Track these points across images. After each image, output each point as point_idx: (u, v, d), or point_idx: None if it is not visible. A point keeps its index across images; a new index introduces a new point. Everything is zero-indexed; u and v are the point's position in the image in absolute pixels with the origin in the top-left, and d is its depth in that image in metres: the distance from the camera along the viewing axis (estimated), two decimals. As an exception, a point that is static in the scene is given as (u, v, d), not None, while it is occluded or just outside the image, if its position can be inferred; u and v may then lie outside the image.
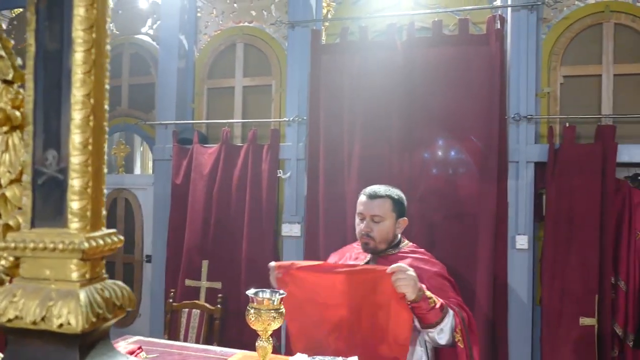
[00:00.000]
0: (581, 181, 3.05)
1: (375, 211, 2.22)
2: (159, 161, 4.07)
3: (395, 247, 2.31)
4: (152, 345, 2.07)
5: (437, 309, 1.90)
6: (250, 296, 1.50)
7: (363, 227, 2.23)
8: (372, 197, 2.25)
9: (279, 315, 1.47)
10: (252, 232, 3.58)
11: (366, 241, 2.24)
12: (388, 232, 2.24)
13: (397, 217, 2.28)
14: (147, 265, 4.27)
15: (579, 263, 3.04)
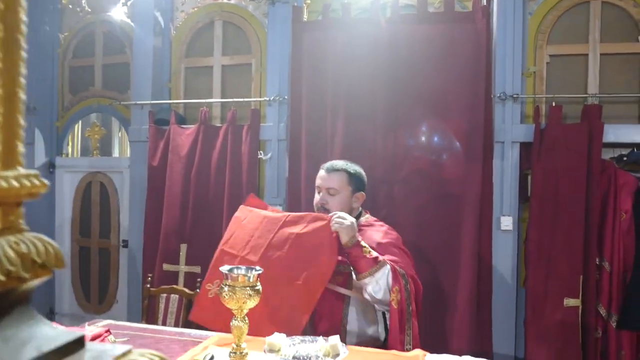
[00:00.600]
0: (567, 161, 3.02)
1: (331, 184, 2.28)
2: (134, 143, 3.93)
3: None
4: (123, 329, 1.97)
5: (371, 258, 1.98)
6: (224, 273, 1.40)
7: (319, 199, 2.30)
8: (329, 171, 2.31)
9: (255, 293, 1.38)
10: (232, 215, 3.43)
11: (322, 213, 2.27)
12: (343, 205, 2.27)
13: (354, 191, 2.32)
14: (123, 250, 4.15)
15: (564, 244, 3.02)
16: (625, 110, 3.12)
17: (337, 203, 2.27)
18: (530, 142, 3.12)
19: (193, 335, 1.93)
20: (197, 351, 1.70)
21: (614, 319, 2.99)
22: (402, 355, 1.70)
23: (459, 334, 3.07)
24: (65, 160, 4.38)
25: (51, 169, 4.35)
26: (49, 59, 4.32)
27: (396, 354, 1.71)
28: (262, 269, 1.43)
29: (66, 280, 4.38)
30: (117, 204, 4.20)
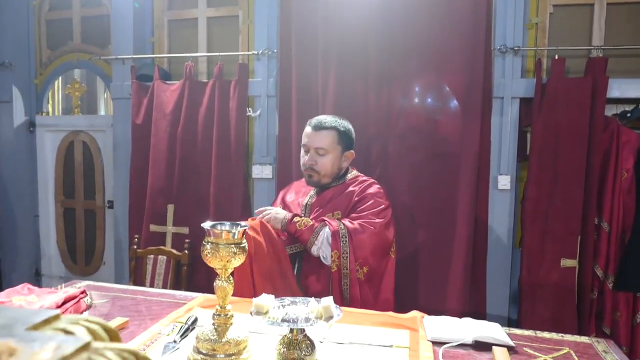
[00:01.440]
0: (569, 118, 2.89)
1: (320, 143, 2.15)
2: (117, 100, 3.75)
3: (341, 178, 2.26)
4: (103, 290, 1.86)
5: (306, 229, 2.00)
6: (207, 229, 1.28)
7: (307, 160, 2.18)
8: (317, 128, 2.16)
9: (241, 250, 1.26)
10: (220, 174, 3.34)
11: (310, 174, 2.20)
12: (333, 166, 2.18)
13: (343, 150, 2.21)
14: (109, 212, 4.02)
15: (563, 203, 2.92)
16: (631, 64, 2.98)
17: (327, 163, 2.16)
18: (530, 98, 2.98)
19: (177, 296, 1.83)
20: (180, 313, 1.60)
21: (611, 280, 2.93)
22: (398, 316, 1.61)
23: (453, 295, 3.01)
24: (45, 119, 4.20)
25: (31, 128, 4.17)
26: (24, 12, 4.08)
27: (392, 315, 1.63)
28: (247, 225, 1.31)
29: (52, 241, 4.27)
30: (101, 164, 4.05)
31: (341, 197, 2.18)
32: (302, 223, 2.02)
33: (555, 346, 1.41)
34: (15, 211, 4.18)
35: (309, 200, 2.25)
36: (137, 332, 1.42)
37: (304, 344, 1.19)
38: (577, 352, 1.37)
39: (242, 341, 1.25)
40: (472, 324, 1.50)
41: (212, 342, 1.21)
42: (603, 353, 1.39)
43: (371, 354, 1.30)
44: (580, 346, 1.43)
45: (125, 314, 1.56)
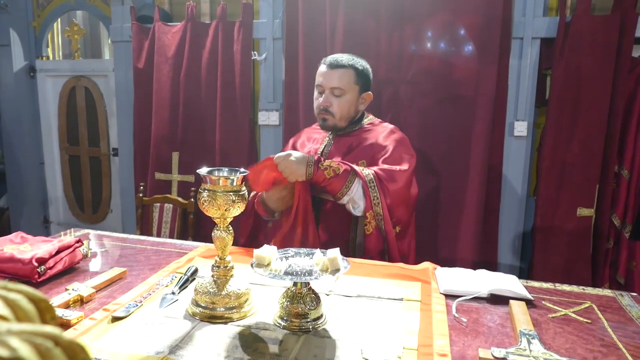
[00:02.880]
0: (593, 59, 2.72)
1: (336, 83, 1.97)
2: (117, 43, 3.60)
3: (357, 123, 2.09)
4: (103, 238, 1.80)
5: (338, 177, 1.77)
6: (203, 175, 1.19)
7: (322, 101, 2.00)
8: (333, 67, 1.98)
9: (240, 198, 1.17)
10: (225, 121, 3.23)
11: (324, 117, 2.02)
12: (350, 108, 2.01)
13: (361, 91, 2.04)
14: (114, 159, 3.96)
15: (582, 150, 2.80)
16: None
17: (344, 105, 1.99)
18: (552, 38, 2.80)
19: (178, 245, 1.77)
20: (180, 263, 1.54)
21: (628, 229, 2.85)
22: (409, 268, 1.54)
23: (464, 244, 2.95)
24: (45, 64, 4.07)
25: (32, 73, 4.05)
26: (18, -51, 3.89)
27: (403, 266, 1.55)
28: (247, 171, 1.22)
29: (58, 189, 4.23)
30: (104, 110, 3.95)
31: (363, 144, 2.02)
32: (330, 170, 1.78)
33: (577, 299, 1.34)
34: (20, 159, 4.13)
35: (325, 148, 2.07)
36: (134, 283, 1.36)
37: (308, 297, 1.12)
38: (600, 306, 1.30)
39: (243, 294, 1.18)
40: (487, 276, 1.42)
41: (211, 294, 1.14)
42: (628, 307, 1.31)
43: (380, 308, 1.23)
44: (603, 299, 1.35)
45: (124, 264, 1.51)
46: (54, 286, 1.35)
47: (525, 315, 1.16)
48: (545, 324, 1.18)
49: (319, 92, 2.03)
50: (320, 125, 2.07)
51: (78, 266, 1.48)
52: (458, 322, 1.18)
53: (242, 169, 1.21)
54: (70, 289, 1.25)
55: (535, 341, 1.04)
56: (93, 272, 1.44)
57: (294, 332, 1.11)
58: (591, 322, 1.21)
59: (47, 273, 1.38)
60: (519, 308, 1.19)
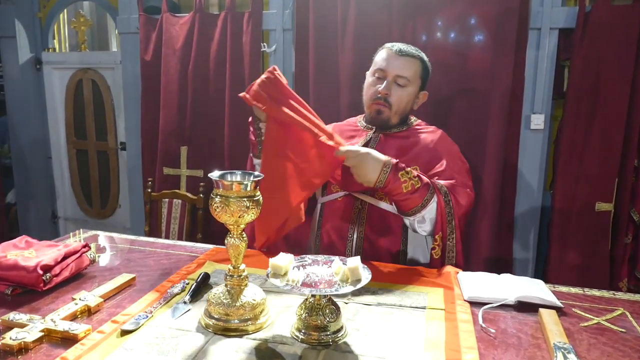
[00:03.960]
0: (612, 50, 2.63)
1: (402, 70, 1.78)
2: (124, 35, 3.53)
3: (406, 123, 1.91)
4: (111, 240, 1.75)
5: (418, 191, 1.54)
6: (215, 180, 1.12)
7: (383, 88, 1.77)
8: (402, 54, 1.79)
9: (255, 204, 1.11)
10: (234, 114, 3.17)
11: (379, 108, 1.80)
12: (408, 102, 1.84)
13: (421, 88, 1.90)
14: (122, 153, 3.91)
15: (601, 143, 2.71)
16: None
17: (403, 97, 1.80)
18: (571, 29, 2.70)
19: (188, 248, 1.71)
20: (191, 268, 1.48)
21: (647, 223, 2.77)
22: (431, 272, 1.47)
23: (479, 239, 2.89)
24: (52, 56, 4.01)
25: (38, 66, 4.00)
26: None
27: (424, 270, 1.48)
28: (262, 175, 1.15)
29: (66, 183, 4.20)
30: (111, 103, 3.90)
31: (415, 147, 1.80)
32: (409, 183, 1.52)
33: (608, 306, 1.27)
34: (26, 153, 4.09)
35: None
36: (144, 290, 1.31)
37: (327, 308, 1.07)
38: (634, 313, 1.24)
39: (259, 304, 1.12)
40: (512, 281, 1.35)
41: (225, 306, 1.09)
42: (662, 315, 1.24)
43: (402, 318, 1.17)
44: (636, 305, 1.29)
45: (133, 269, 1.45)
46: (60, 294, 1.31)
47: (558, 325, 1.10)
48: (578, 334, 1.12)
49: (377, 78, 1.82)
50: (372, 117, 1.85)
51: (85, 272, 1.43)
52: (486, 332, 1.12)
53: (257, 173, 1.15)
54: (77, 299, 1.20)
55: (572, 356, 0.98)
56: (101, 278, 1.39)
57: (314, 347, 1.05)
58: (626, 332, 1.14)
59: (52, 281, 1.33)
60: (550, 317, 1.13)
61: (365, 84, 1.86)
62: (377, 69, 1.82)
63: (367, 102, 1.84)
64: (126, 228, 3.90)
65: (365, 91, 1.86)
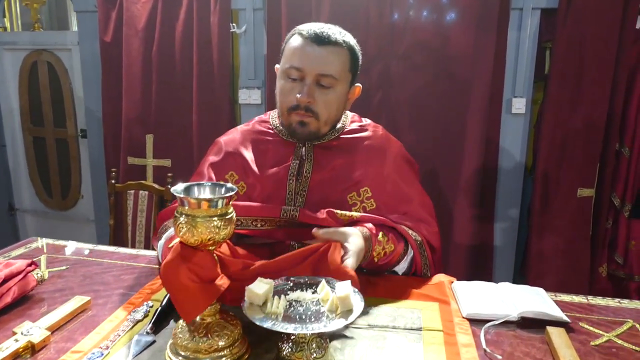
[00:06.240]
0: (596, 31, 2.55)
1: (326, 68, 1.33)
2: (81, 14, 3.28)
3: (334, 126, 1.48)
4: (63, 251, 1.55)
5: (393, 256, 1.34)
6: (179, 197, 0.95)
7: (303, 95, 1.32)
8: (321, 42, 1.32)
9: (226, 223, 0.94)
10: (203, 100, 2.98)
11: (303, 120, 1.36)
12: (339, 106, 1.41)
13: (352, 82, 1.44)
14: (83, 141, 3.67)
15: (583, 127, 2.65)
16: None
17: (332, 102, 1.37)
18: (553, 9, 2.61)
19: (154, 259, 1.51)
20: (156, 285, 1.28)
21: (627, 208, 2.75)
22: (423, 282, 1.33)
23: (460, 225, 2.83)
24: (2, 35, 3.72)
25: (-14, 47, 3.71)
26: None
27: (415, 280, 1.35)
28: (236, 188, 0.98)
29: (23, 173, 3.94)
30: (69, 87, 3.64)
31: (356, 160, 1.44)
32: (382, 252, 1.30)
33: (616, 317, 1.18)
34: (-22, 142, 3.82)
35: (304, 173, 1.42)
36: (100, 317, 1.13)
37: (314, 342, 0.92)
38: (644, 325, 1.14)
39: (233, 335, 0.95)
40: (512, 292, 1.24)
41: (194, 341, 0.93)
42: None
43: (398, 343, 1.03)
44: (646, 316, 1.19)
45: (88, 288, 1.27)
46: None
47: (570, 348, 0.99)
48: (591, 355, 1.02)
49: (292, 80, 1.36)
50: (292, 129, 1.40)
51: (32, 294, 1.23)
52: (491, 358, 1.00)
53: (230, 185, 0.98)
54: (19, 333, 1.01)
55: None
56: (50, 302, 1.19)
57: (299, 387, 0.91)
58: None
59: (-11, 310, 1.10)
60: (560, 339, 1.02)
61: (278, 86, 1.41)
62: (291, 67, 1.34)
63: (283, 110, 1.39)
64: (90, 220, 3.69)
65: (280, 96, 1.40)
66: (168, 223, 1.36)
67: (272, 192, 1.41)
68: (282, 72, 1.38)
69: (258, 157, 1.46)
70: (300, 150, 1.44)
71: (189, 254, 0.93)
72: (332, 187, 1.41)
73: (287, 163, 1.43)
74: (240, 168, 1.45)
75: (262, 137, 1.49)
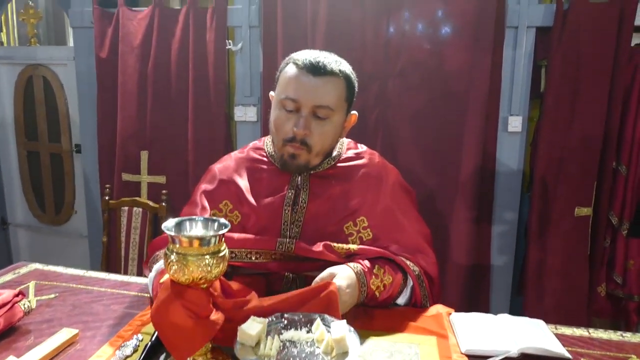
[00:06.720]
0: (591, 49, 2.56)
1: (323, 99, 1.30)
2: (77, 29, 3.28)
3: (330, 154, 1.45)
4: (52, 277, 1.51)
5: (392, 289, 1.31)
6: (170, 235, 0.93)
7: (300, 128, 1.30)
8: (318, 73, 1.30)
9: (220, 260, 0.91)
10: (198, 117, 2.97)
11: (296, 152, 1.33)
12: (334, 137, 1.39)
13: (348, 110, 1.41)
14: (77, 156, 3.65)
15: (580, 145, 2.64)
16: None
17: (327, 133, 1.34)
18: (548, 27, 2.62)
19: (145, 286, 1.48)
20: (147, 316, 1.26)
21: (625, 227, 2.72)
22: (419, 313, 1.30)
23: (457, 245, 2.80)
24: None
25: (-18, 62, 3.69)
26: None
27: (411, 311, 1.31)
28: (229, 225, 0.95)
29: (16, 187, 3.91)
30: (64, 102, 3.62)
31: (353, 189, 1.41)
32: (381, 286, 1.28)
33: (618, 353, 1.15)
34: (-29, 156, 3.79)
35: (300, 203, 1.39)
36: (88, 352, 1.09)
37: (308, 383, 0.90)
38: (647, 360, 1.11)
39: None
40: (511, 324, 1.21)
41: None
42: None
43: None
44: (649, 351, 1.16)
45: (76, 319, 1.23)
46: (-20, 362, 1.05)
47: (574, 391, 0.96)
48: (595, 397, 0.99)
49: (287, 111, 1.32)
50: (283, 161, 1.37)
51: (18, 325, 1.20)
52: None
53: (223, 220, 0.95)
54: None
55: None
56: (37, 334, 1.15)
57: None
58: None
59: (-29, 344, 1.05)
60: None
61: (273, 115, 1.37)
62: (286, 97, 1.31)
63: (277, 141, 1.36)
64: (83, 236, 3.66)
65: (275, 127, 1.35)
66: (160, 253, 1.33)
67: (267, 223, 1.38)
68: (278, 102, 1.35)
69: (253, 185, 1.43)
70: (296, 180, 1.41)
71: (181, 290, 0.91)
72: (328, 218, 1.38)
73: (283, 193, 1.40)
74: (234, 197, 1.42)
75: (257, 165, 1.47)
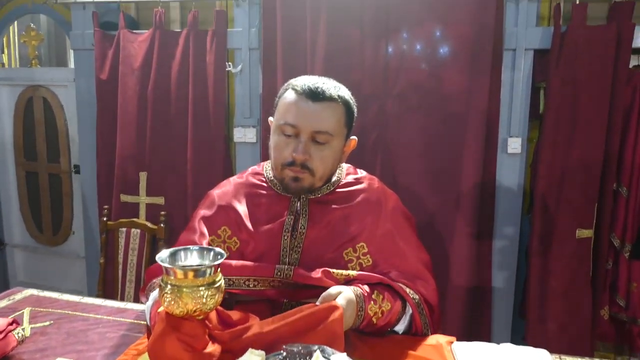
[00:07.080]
0: (589, 71, 2.56)
1: (322, 124, 1.31)
2: (78, 51, 3.30)
3: (329, 179, 1.45)
4: (47, 304, 1.49)
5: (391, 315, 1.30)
6: (164, 266, 0.92)
7: (300, 153, 1.30)
8: (317, 98, 1.31)
9: (215, 291, 0.90)
10: (197, 138, 2.98)
11: (298, 175, 1.33)
12: (335, 161, 1.39)
13: (347, 135, 1.42)
14: (76, 177, 3.65)
15: (580, 167, 2.64)
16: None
17: (328, 158, 1.35)
18: (546, 49, 2.63)
19: (141, 313, 1.46)
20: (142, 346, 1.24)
21: (627, 249, 2.70)
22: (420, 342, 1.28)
23: (458, 267, 2.78)
24: (0, 72, 3.74)
25: (-17, 83, 3.71)
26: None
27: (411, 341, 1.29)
28: (225, 254, 0.94)
29: (14, 207, 3.90)
30: (64, 123, 3.64)
31: (353, 215, 1.40)
32: (379, 312, 1.26)
33: (618, 384, 1.13)
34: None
35: (299, 229, 1.38)
36: None
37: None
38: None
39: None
40: (514, 355, 1.20)
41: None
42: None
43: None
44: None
45: (71, 348, 1.21)
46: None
47: None
48: None
49: (286, 136, 1.33)
50: (286, 184, 1.37)
51: (11, 354, 1.18)
52: None
53: (218, 250, 0.94)
54: None
55: None
56: None
57: None
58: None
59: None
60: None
61: (272, 141, 1.37)
62: (285, 123, 1.31)
63: (277, 165, 1.36)
64: (80, 257, 3.64)
65: (275, 152, 1.36)
66: (157, 281, 1.32)
67: (266, 249, 1.37)
68: (277, 127, 1.36)
69: (252, 211, 1.42)
70: (296, 205, 1.40)
71: (177, 322, 0.90)
72: (328, 244, 1.37)
73: (282, 218, 1.38)
74: (233, 223, 1.41)
75: (256, 190, 1.46)
